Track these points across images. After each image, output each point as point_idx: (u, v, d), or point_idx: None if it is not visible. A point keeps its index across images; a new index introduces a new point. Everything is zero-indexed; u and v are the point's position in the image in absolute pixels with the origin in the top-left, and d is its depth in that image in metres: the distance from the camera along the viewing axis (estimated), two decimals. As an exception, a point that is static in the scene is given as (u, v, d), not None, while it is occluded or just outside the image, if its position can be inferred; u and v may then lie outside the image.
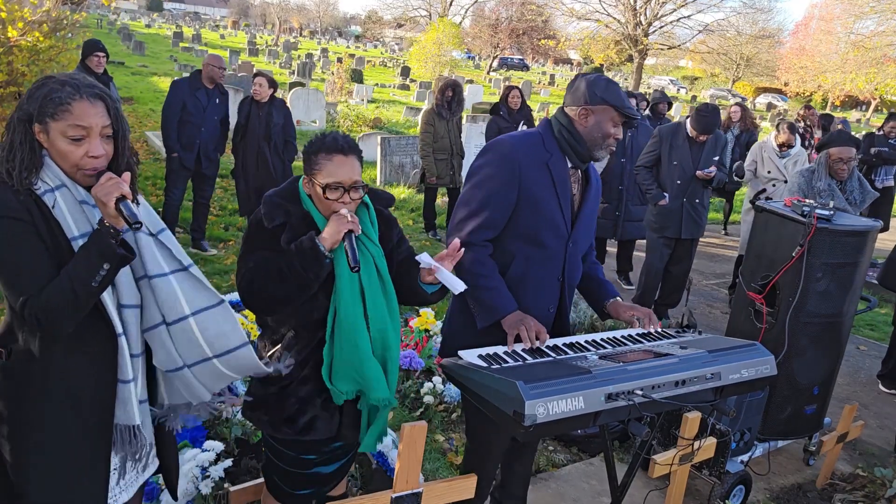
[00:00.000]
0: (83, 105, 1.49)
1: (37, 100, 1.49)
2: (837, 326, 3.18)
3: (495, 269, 2.16)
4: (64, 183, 1.50)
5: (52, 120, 1.48)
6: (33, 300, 1.43)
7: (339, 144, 1.81)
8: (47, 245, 1.47)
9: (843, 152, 3.95)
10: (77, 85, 1.51)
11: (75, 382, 1.53)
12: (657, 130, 5.05)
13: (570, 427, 1.74)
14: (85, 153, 1.50)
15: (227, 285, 4.96)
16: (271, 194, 1.89)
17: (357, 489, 2.73)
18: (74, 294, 1.42)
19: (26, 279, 1.44)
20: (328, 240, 1.73)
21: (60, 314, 1.43)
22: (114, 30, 32.26)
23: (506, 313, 2.09)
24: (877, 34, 26.47)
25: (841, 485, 3.33)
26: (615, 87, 2.13)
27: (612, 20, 28.22)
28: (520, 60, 46.32)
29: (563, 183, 2.16)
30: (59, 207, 1.48)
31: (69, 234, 1.48)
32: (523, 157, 2.12)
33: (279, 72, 23.54)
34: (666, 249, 5.00)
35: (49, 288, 1.43)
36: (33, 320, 1.43)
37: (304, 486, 1.99)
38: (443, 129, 6.56)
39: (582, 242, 2.28)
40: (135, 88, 14.74)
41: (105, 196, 1.43)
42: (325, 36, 60.40)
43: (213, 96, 5.54)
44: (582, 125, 2.13)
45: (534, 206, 2.13)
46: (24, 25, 8.81)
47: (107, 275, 1.43)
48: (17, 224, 1.44)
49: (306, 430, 1.89)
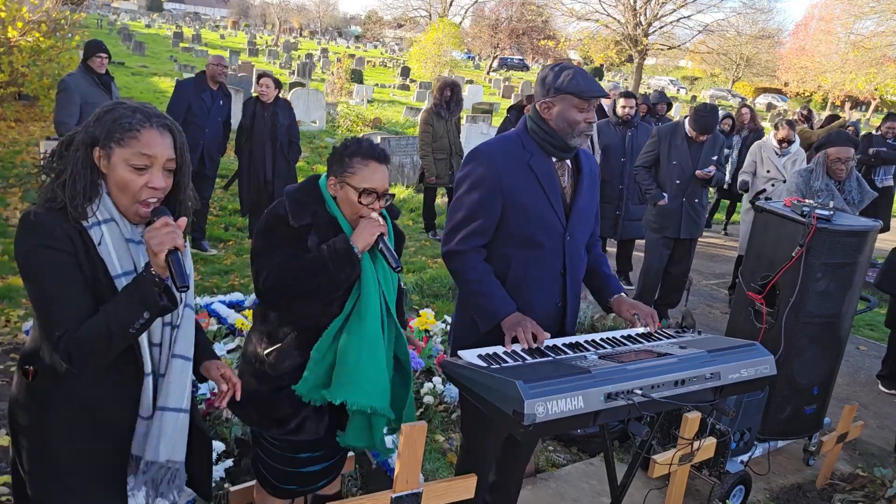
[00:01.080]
0: (152, 133, 1.45)
1: (105, 123, 1.44)
2: (837, 326, 3.19)
3: (490, 273, 2.16)
4: (113, 217, 1.45)
5: (118, 146, 1.43)
6: (69, 336, 1.38)
7: (375, 152, 1.85)
8: (86, 278, 1.42)
9: (842, 152, 3.95)
10: (148, 113, 1.47)
11: (97, 411, 1.52)
12: (655, 130, 5.05)
13: (570, 427, 1.74)
14: (145, 183, 1.45)
15: (226, 285, 4.96)
16: (294, 192, 1.89)
17: (357, 489, 2.73)
18: (110, 336, 1.39)
19: (65, 313, 1.39)
20: (361, 242, 1.78)
21: (93, 353, 1.40)
22: (114, 30, 32.27)
23: (504, 316, 2.10)
24: (876, 34, 26.47)
25: (841, 485, 3.33)
26: (572, 73, 2.09)
27: (611, 20, 28.19)
28: (520, 61, 46.30)
29: (550, 179, 2.15)
30: (105, 244, 1.43)
31: (112, 271, 1.44)
32: (502, 163, 2.12)
33: (279, 72, 23.53)
34: (665, 250, 5.00)
35: (86, 326, 1.39)
36: (65, 356, 1.39)
37: (292, 482, 2.00)
38: (442, 128, 6.56)
39: (580, 233, 2.26)
40: (135, 89, 14.75)
41: (157, 245, 1.37)
42: (325, 36, 60.40)
43: (218, 98, 5.57)
44: (548, 117, 2.12)
45: (521, 209, 2.13)
46: (23, 25, 8.82)
47: (146, 322, 1.40)
48: (60, 255, 1.40)
49: (296, 432, 1.90)
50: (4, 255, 4.95)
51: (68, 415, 1.51)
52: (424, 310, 4.18)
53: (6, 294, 4.31)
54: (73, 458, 1.52)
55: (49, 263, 1.39)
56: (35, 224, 1.40)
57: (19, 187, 6.69)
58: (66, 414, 1.51)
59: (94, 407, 1.51)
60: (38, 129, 9.56)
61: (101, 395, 1.51)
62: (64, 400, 1.50)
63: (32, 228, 1.40)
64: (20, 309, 4.17)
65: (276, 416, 1.89)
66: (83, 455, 1.53)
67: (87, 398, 1.51)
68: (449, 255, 2.21)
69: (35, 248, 1.39)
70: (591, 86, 2.07)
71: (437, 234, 7.00)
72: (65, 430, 1.51)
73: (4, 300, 4.26)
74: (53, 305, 1.40)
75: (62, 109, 5.00)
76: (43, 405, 1.51)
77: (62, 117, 4.98)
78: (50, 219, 1.41)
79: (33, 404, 1.52)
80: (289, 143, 5.91)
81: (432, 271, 5.72)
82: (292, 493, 2.02)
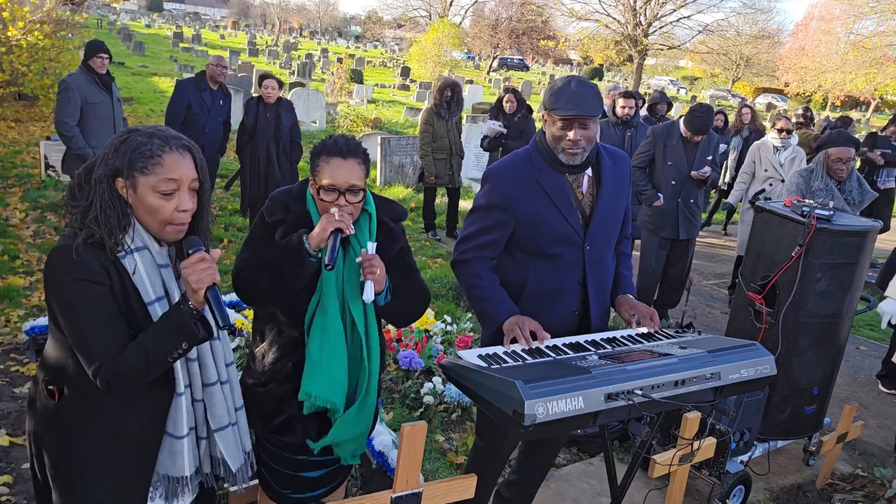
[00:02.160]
0: (174, 157, 1.44)
1: (124, 154, 1.43)
2: (837, 326, 3.18)
3: (494, 280, 2.21)
4: (146, 245, 1.46)
5: (142, 174, 1.42)
6: (108, 366, 1.39)
7: (338, 147, 1.80)
8: (121, 308, 1.43)
9: (843, 152, 3.95)
10: (165, 137, 1.46)
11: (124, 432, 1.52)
12: (650, 131, 5.04)
13: (570, 427, 1.74)
14: (175, 208, 1.45)
15: (226, 285, 4.96)
16: (278, 191, 1.91)
17: (357, 489, 2.73)
18: (148, 365, 1.40)
19: (103, 345, 1.40)
20: (314, 238, 1.71)
21: (131, 381, 1.41)
22: (114, 30, 32.27)
23: (503, 319, 2.12)
24: (876, 34, 26.44)
25: (841, 485, 3.33)
26: (554, 88, 2.09)
27: (611, 20, 28.17)
28: (520, 61, 46.30)
29: (560, 192, 2.16)
30: (139, 273, 1.44)
31: (146, 298, 1.45)
32: (512, 184, 2.16)
33: (279, 72, 23.53)
34: (662, 251, 5.00)
35: (124, 357, 1.40)
36: (105, 386, 1.40)
37: (292, 487, 1.98)
38: (442, 128, 6.56)
39: (603, 241, 2.26)
40: (135, 89, 14.75)
41: (197, 283, 1.38)
42: (325, 36, 60.39)
43: (218, 98, 5.58)
44: (546, 130, 2.17)
45: (531, 225, 2.16)
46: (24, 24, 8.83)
47: (184, 352, 1.41)
48: (97, 287, 1.40)
49: (282, 431, 1.90)
50: (4, 255, 4.95)
51: (95, 436, 1.51)
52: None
53: (6, 294, 4.31)
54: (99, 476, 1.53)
55: (88, 297, 1.39)
56: (76, 259, 1.39)
57: (19, 187, 6.69)
58: (93, 435, 1.51)
59: (121, 428, 1.51)
60: (38, 129, 9.57)
61: (129, 416, 1.52)
62: (91, 421, 1.50)
63: (73, 263, 1.39)
64: (20, 309, 4.17)
65: (262, 413, 1.90)
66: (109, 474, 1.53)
67: (114, 419, 1.51)
68: (455, 263, 2.28)
69: (75, 282, 1.39)
70: (560, 104, 2.05)
71: (438, 234, 7.00)
72: (91, 451, 1.51)
73: (4, 300, 4.26)
74: (93, 338, 1.40)
75: (62, 109, 5.01)
76: (69, 426, 1.51)
77: (62, 117, 4.98)
78: (90, 253, 1.41)
79: (57, 423, 1.51)
80: (291, 143, 5.93)
81: (432, 271, 5.72)
82: (293, 499, 2.00)
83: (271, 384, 1.88)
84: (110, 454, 1.52)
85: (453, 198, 6.89)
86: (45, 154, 6.99)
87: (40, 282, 4.60)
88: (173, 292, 1.50)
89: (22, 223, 5.74)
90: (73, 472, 1.53)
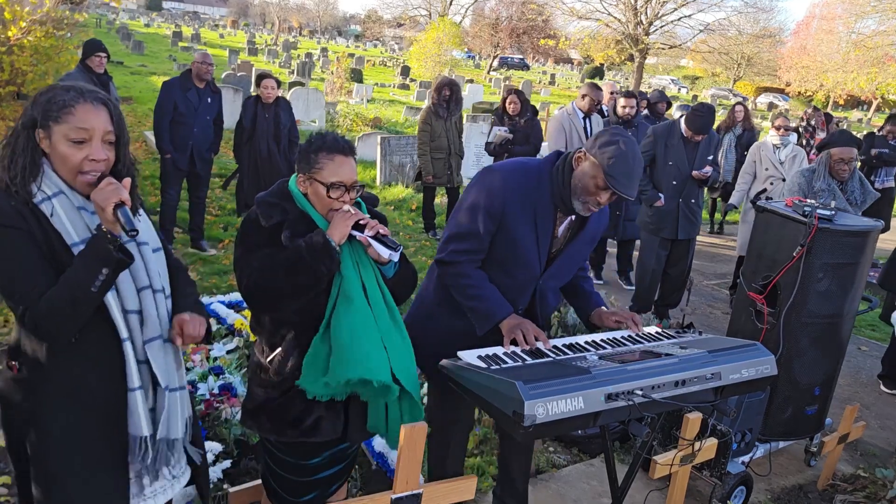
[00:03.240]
0: (86, 108, 1.49)
1: (40, 105, 1.49)
2: (838, 327, 3.17)
3: (483, 278, 2.19)
4: (62, 190, 1.49)
5: (55, 123, 1.48)
6: (33, 307, 1.42)
7: (340, 145, 1.84)
8: (44, 253, 1.45)
9: (845, 153, 3.94)
10: (81, 90, 1.51)
11: (85, 390, 1.53)
12: (651, 130, 5.02)
13: (570, 427, 1.74)
14: (86, 157, 1.49)
15: (225, 285, 4.95)
16: (263, 195, 1.91)
17: (357, 490, 2.72)
18: (74, 299, 1.41)
19: (25, 287, 1.43)
20: (337, 236, 1.77)
21: (60, 320, 1.43)
22: (113, 29, 32.26)
23: (502, 317, 2.12)
24: (878, 33, 26.43)
25: (842, 486, 3.32)
26: (619, 157, 1.97)
27: (612, 19, 28.17)
28: (520, 60, 46.29)
29: (545, 226, 2.15)
30: (57, 216, 1.47)
31: (69, 240, 1.47)
32: (510, 195, 2.11)
33: (278, 71, 23.53)
34: (662, 251, 4.98)
35: (48, 295, 1.42)
36: (33, 326, 1.43)
37: (304, 492, 1.97)
38: (440, 128, 6.54)
39: (556, 280, 2.30)
40: (134, 88, 14.75)
41: (104, 201, 1.43)
42: (325, 35, 60.40)
43: (205, 96, 5.51)
44: (576, 168, 2.07)
45: (511, 241, 2.15)
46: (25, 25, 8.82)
47: (106, 280, 1.43)
48: (13, 232, 1.43)
49: (311, 432, 1.88)
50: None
51: (57, 399, 1.52)
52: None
53: (5, 294, 4.30)
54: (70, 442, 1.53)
55: (3, 241, 1.43)
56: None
57: None
58: (55, 398, 1.52)
59: (81, 386, 1.52)
60: (37, 128, 9.55)
61: (85, 371, 1.52)
62: (50, 385, 1.51)
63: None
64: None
65: (289, 417, 1.88)
66: (79, 438, 1.53)
67: (72, 378, 1.51)
68: (441, 263, 2.23)
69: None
70: (620, 176, 1.97)
71: (437, 233, 6.99)
72: (57, 416, 1.52)
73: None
74: (14, 281, 1.43)
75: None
76: (30, 395, 1.52)
77: (61, 116, 4.96)
78: (2, 199, 1.44)
79: (19, 396, 1.53)
80: (289, 142, 5.92)
81: (432, 271, 5.70)
82: (301, 503, 1.99)
83: (294, 388, 1.86)
84: (78, 419, 1.52)
85: (452, 197, 6.88)
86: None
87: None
88: None
89: (21, 223, 5.73)
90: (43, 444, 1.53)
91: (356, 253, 1.86)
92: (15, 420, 1.56)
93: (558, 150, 2.26)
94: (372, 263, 1.88)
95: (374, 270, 1.89)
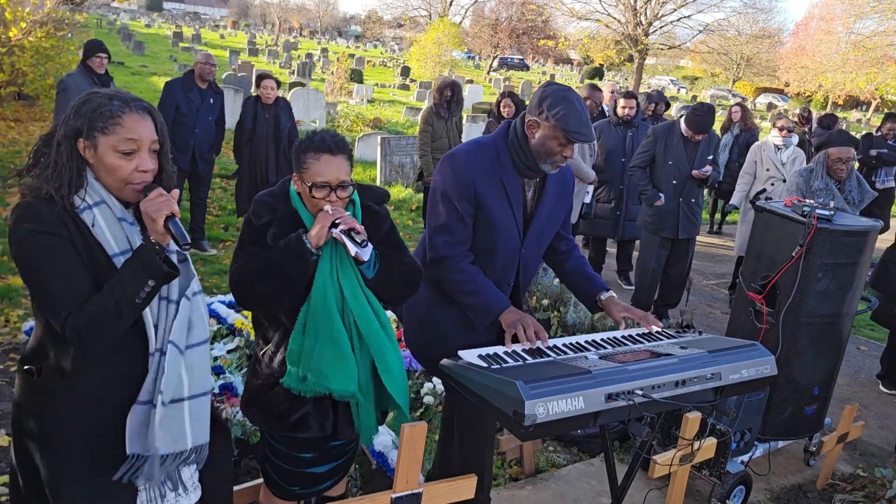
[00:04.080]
0: (134, 118, 1.47)
1: (84, 115, 1.46)
2: (838, 327, 3.18)
3: (478, 272, 2.19)
4: (104, 199, 1.48)
5: (102, 134, 1.45)
6: (75, 315, 1.40)
7: (326, 144, 1.81)
8: (84, 261, 1.44)
9: (843, 152, 3.94)
10: (125, 98, 1.49)
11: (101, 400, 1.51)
12: (651, 130, 5.03)
13: (570, 427, 1.74)
14: (135, 168, 1.48)
15: (226, 285, 4.95)
16: (262, 194, 1.91)
17: (357, 489, 2.73)
18: (118, 309, 1.40)
19: (67, 294, 1.41)
20: (314, 237, 1.75)
21: (103, 328, 1.41)
22: (113, 30, 32.26)
23: (500, 310, 2.13)
24: (877, 34, 26.44)
25: (841, 485, 3.32)
26: (567, 109, 2.03)
27: (612, 20, 28.14)
28: (520, 60, 46.29)
29: (516, 195, 2.18)
30: (98, 225, 1.46)
31: (109, 251, 1.46)
32: (476, 173, 2.14)
33: (279, 71, 23.54)
34: (662, 250, 4.99)
35: (92, 302, 1.41)
36: (74, 335, 1.40)
37: (298, 483, 1.99)
38: (441, 128, 6.55)
39: (536, 245, 2.30)
40: (134, 88, 14.75)
41: (155, 213, 1.42)
42: (325, 36, 60.39)
43: (207, 96, 5.52)
44: (531, 136, 2.12)
45: (489, 221, 2.16)
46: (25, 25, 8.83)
47: (151, 291, 1.42)
48: (55, 239, 1.42)
49: (298, 428, 1.89)
50: (4, 255, 4.94)
51: (70, 407, 1.51)
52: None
53: (6, 294, 4.31)
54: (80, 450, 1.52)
55: (45, 247, 1.41)
56: (26, 211, 1.43)
57: (19, 187, 6.69)
58: (69, 406, 1.51)
59: (98, 396, 1.51)
60: (37, 128, 9.56)
61: (107, 381, 1.51)
62: (67, 393, 1.50)
63: (24, 216, 1.43)
64: (20, 309, 4.16)
65: (275, 412, 1.89)
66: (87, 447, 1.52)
67: (91, 387, 1.50)
68: (435, 261, 2.22)
69: (29, 234, 1.41)
70: (581, 128, 2.04)
71: (438, 233, 6.99)
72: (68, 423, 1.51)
73: (4, 300, 4.25)
74: (55, 288, 1.41)
75: (62, 110, 5.00)
76: (45, 401, 1.51)
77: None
78: (40, 206, 1.43)
79: (34, 402, 1.52)
80: (289, 143, 5.93)
81: (432, 271, 5.71)
82: (298, 494, 2.01)
83: (280, 384, 1.88)
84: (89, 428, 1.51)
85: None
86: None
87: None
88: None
89: (22, 223, 5.74)
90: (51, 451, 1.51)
91: (338, 255, 1.83)
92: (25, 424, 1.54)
93: (507, 120, 2.27)
94: (353, 266, 1.85)
95: (354, 272, 1.85)
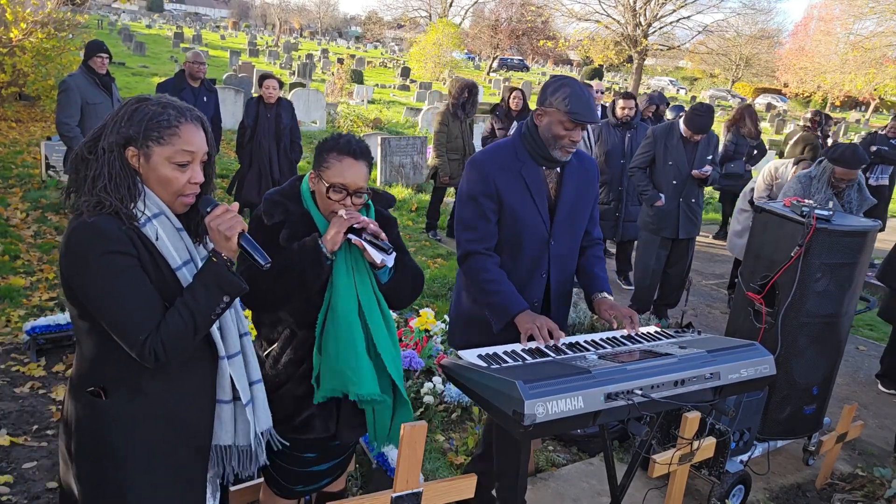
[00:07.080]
0: (190, 129, 1.43)
1: (139, 123, 1.39)
2: (836, 326, 3.19)
3: (502, 274, 2.26)
4: (162, 211, 1.43)
5: (158, 144, 1.40)
6: (154, 336, 1.36)
7: (351, 148, 1.82)
8: (151, 278, 1.40)
9: (849, 174, 3.94)
10: (179, 107, 1.44)
11: (176, 410, 1.49)
12: (650, 131, 5.04)
13: (570, 427, 1.75)
14: (188, 179, 1.44)
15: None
16: (272, 192, 1.91)
17: (357, 489, 2.74)
18: (196, 326, 1.39)
19: (144, 319, 1.36)
20: (329, 242, 1.75)
21: (180, 346, 1.39)
22: (114, 30, 32.26)
23: (516, 312, 2.17)
24: (876, 35, 26.43)
25: (840, 485, 3.33)
26: (569, 92, 2.15)
27: (611, 21, 28.14)
28: (520, 61, 46.28)
29: (538, 186, 2.27)
30: (161, 239, 1.41)
31: (173, 264, 1.43)
32: (496, 171, 2.25)
33: (279, 72, 23.53)
34: (662, 251, 5.00)
35: (168, 323, 1.37)
36: (152, 356, 1.36)
37: (301, 481, 2.00)
38: (457, 129, 6.57)
39: (566, 237, 2.35)
40: (136, 89, 14.75)
41: (229, 230, 1.39)
42: (326, 37, 60.39)
43: (200, 95, 5.51)
44: (539, 124, 2.23)
45: (513, 215, 2.25)
46: (26, 26, 8.84)
47: (225, 307, 1.41)
48: (127, 259, 1.36)
49: (302, 429, 1.90)
50: (5, 255, 4.95)
51: (147, 425, 1.47)
52: (424, 309, 4.19)
53: (7, 294, 4.31)
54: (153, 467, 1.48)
55: (120, 269, 1.35)
56: (96, 231, 1.35)
57: (20, 187, 6.70)
58: (146, 424, 1.47)
59: (174, 409, 1.48)
60: (38, 129, 9.57)
61: (181, 392, 1.49)
62: (142, 411, 1.46)
63: (95, 236, 1.34)
64: (21, 309, 4.17)
65: (279, 414, 1.89)
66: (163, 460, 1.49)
67: (167, 401, 1.47)
68: (462, 259, 2.32)
69: (103, 255, 1.34)
70: (581, 109, 2.14)
71: (438, 234, 7.01)
72: (144, 437, 1.46)
73: (5, 300, 4.26)
74: (132, 312, 1.36)
75: (63, 110, 5.01)
76: (115, 424, 1.45)
77: (63, 117, 4.99)
78: (107, 223, 1.36)
79: (100, 424, 1.46)
80: (291, 143, 5.94)
81: (432, 271, 5.72)
82: (299, 493, 2.02)
83: (287, 384, 1.88)
84: (168, 443, 1.49)
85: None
86: (45, 154, 7.00)
87: (41, 282, 4.61)
88: (196, 256, 1.49)
89: (23, 223, 5.75)
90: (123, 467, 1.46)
91: (353, 258, 1.83)
92: (91, 446, 1.47)
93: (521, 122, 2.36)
94: (368, 269, 1.86)
95: (369, 276, 1.86)
